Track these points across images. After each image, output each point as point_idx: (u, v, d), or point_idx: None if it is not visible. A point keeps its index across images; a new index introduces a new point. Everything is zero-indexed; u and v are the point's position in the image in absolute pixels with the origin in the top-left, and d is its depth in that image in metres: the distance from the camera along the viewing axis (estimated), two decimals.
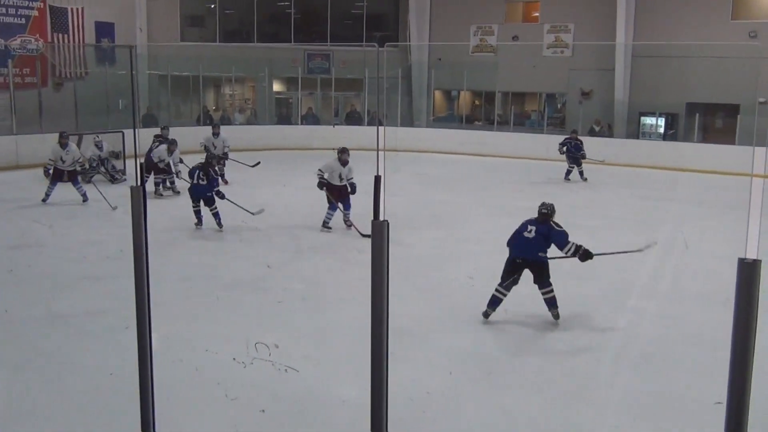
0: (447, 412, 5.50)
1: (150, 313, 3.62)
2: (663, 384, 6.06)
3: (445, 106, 27.71)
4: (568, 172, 17.78)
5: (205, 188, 11.68)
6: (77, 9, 22.04)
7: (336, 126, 24.03)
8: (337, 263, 9.80)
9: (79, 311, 7.57)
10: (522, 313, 7.71)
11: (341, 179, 11.66)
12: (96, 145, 15.81)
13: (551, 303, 7.50)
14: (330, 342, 6.84)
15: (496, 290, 7.53)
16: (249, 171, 15.67)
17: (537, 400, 5.74)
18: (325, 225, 11.62)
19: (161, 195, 14.27)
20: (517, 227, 7.66)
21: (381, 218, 3.13)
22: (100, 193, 13.04)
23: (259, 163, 16.12)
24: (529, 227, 7.52)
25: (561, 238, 7.45)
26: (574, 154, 17.58)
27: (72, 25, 22.06)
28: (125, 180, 15.92)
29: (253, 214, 11.88)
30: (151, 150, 14.74)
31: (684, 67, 21.28)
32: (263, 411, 5.33)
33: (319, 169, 11.72)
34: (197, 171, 11.71)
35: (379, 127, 17.86)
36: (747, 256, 2.53)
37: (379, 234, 3.14)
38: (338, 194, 11.64)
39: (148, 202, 3.63)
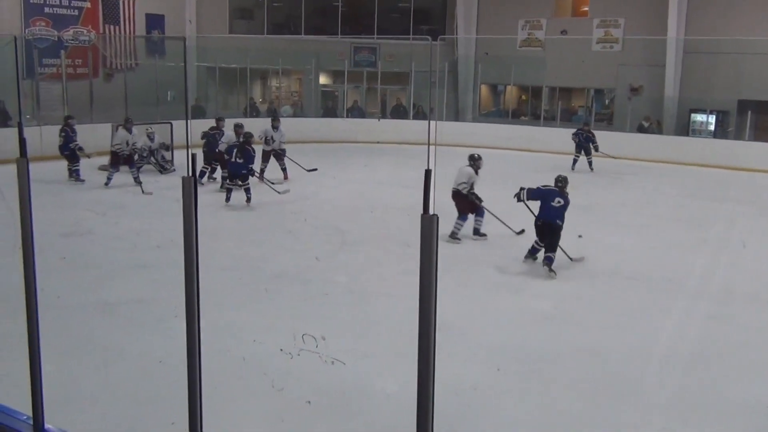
0: (492, 408, 5.47)
1: (199, 302, 3.64)
2: (712, 386, 5.95)
3: (491, 100, 27.54)
4: (575, 161, 18.36)
5: (242, 166, 12.24)
6: (129, 1, 22.41)
7: (381, 120, 24.04)
8: (382, 256, 9.80)
9: (127, 299, 7.68)
10: (569, 311, 7.64)
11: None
12: (148, 136, 16.05)
13: (550, 262, 8.91)
14: (376, 335, 6.84)
15: (536, 243, 9.29)
16: (291, 162, 15.71)
17: (582, 398, 5.67)
18: (454, 236, 10.59)
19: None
20: (540, 190, 9.30)
21: (430, 212, 3.11)
22: (135, 180, 13.38)
23: (316, 169, 16.03)
24: (557, 198, 9.05)
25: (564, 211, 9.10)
26: (584, 144, 18.23)
27: (123, 16, 22.41)
28: (174, 170, 16.14)
29: (279, 192, 12.49)
30: (208, 141, 15.00)
31: (736, 63, 20.85)
32: (309, 402, 5.35)
33: (463, 182, 10.92)
34: (234, 150, 12.27)
35: (429, 122, 17.74)
36: None
37: (429, 228, 3.11)
38: (470, 205, 10.86)
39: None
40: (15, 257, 4.37)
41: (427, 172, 3.82)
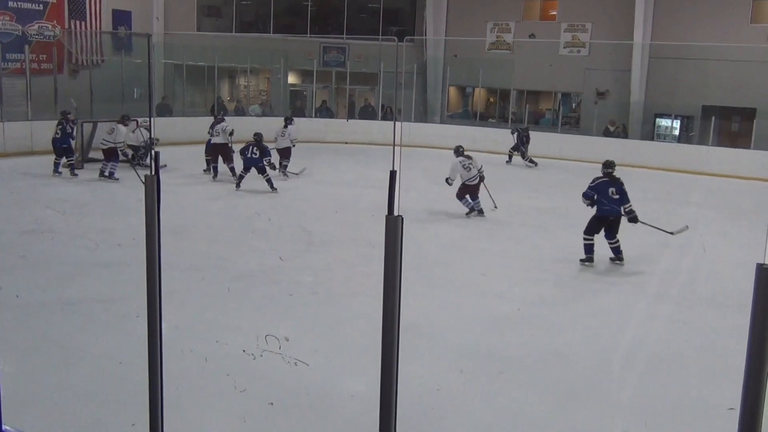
0: (456, 410, 5.48)
1: (161, 302, 3.60)
2: (674, 388, 6.01)
3: (459, 102, 27.64)
4: (510, 157, 20.28)
5: (258, 159, 13.99)
6: None
7: (349, 120, 24.02)
8: (349, 257, 9.78)
9: (88, 298, 7.58)
10: (533, 313, 7.69)
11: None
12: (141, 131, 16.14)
13: (618, 251, 9.40)
14: (340, 336, 6.83)
15: (586, 239, 9.40)
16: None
17: (546, 400, 5.70)
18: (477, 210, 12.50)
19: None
20: (593, 185, 9.36)
21: (395, 213, 3.10)
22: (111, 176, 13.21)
23: (305, 169, 16.40)
24: (611, 189, 9.27)
25: (628, 198, 9.41)
26: (522, 142, 19.92)
27: (89, 12, 22.14)
28: (165, 166, 16.00)
29: (297, 174, 14.36)
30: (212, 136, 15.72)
31: (701, 69, 21.14)
32: (272, 404, 5.32)
33: (447, 179, 12.65)
34: (251, 146, 14.08)
35: (395, 122, 18.01)
36: (766, 261, 2.49)
37: (393, 229, 3.11)
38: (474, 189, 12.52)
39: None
40: None
41: (392, 173, 3.82)
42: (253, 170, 14.11)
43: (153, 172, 3.71)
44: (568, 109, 25.17)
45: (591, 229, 9.44)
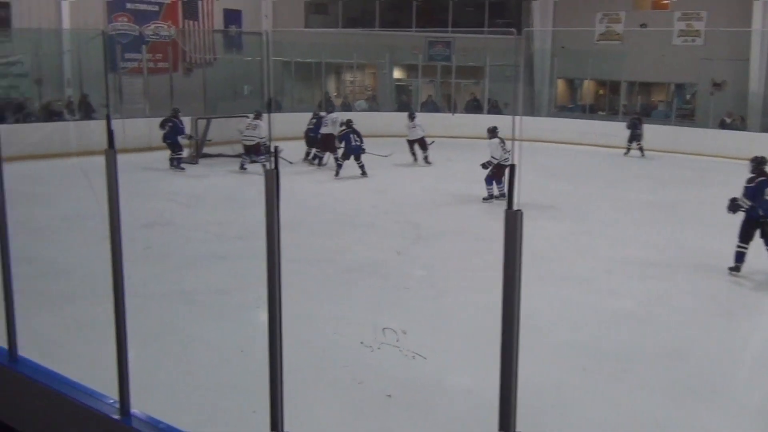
0: (576, 408, 5.37)
1: (281, 293, 3.67)
2: None
3: (567, 95, 27.07)
4: (628, 150, 19.85)
5: (359, 147, 14.79)
6: None
7: (455, 114, 23.90)
8: (458, 250, 9.75)
9: (206, 289, 7.83)
10: (652, 310, 7.46)
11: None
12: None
13: None
14: (453, 330, 6.80)
15: (739, 247, 8.54)
16: (373, 156, 15.82)
17: (669, 401, 5.51)
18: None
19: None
20: (753, 186, 8.45)
21: (515, 207, 3.06)
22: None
23: (391, 154, 16.77)
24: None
25: None
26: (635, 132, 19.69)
27: (202, 12, 22.82)
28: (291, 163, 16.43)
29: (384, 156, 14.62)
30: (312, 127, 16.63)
31: None
32: (389, 396, 5.35)
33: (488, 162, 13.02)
34: (351, 134, 14.86)
35: (513, 117, 17.97)
36: None
37: (513, 224, 3.07)
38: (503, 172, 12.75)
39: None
40: (102, 246, 4.51)
41: (512, 167, 3.78)
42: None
43: (273, 166, 3.80)
44: (682, 100, 24.26)
45: (746, 236, 8.57)
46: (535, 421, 5.00)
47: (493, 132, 13.30)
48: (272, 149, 4.18)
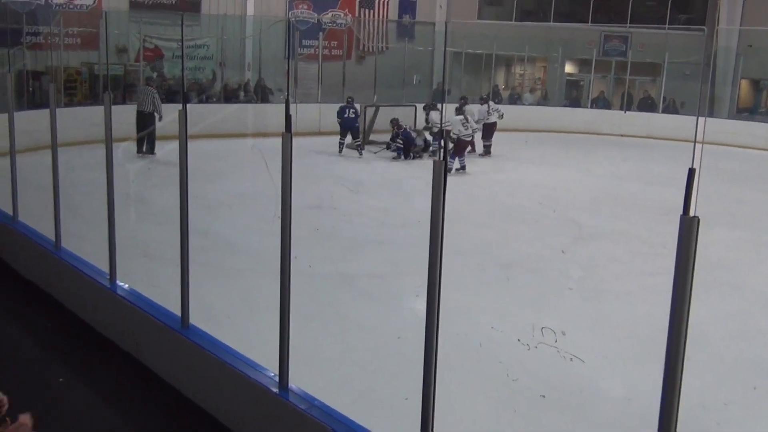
0: (743, 429, 5.08)
1: (440, 284, 3.70)
2: None
3: (751, 96, 25.44)
4: None
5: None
6: None
7: (627, 112, 23.09)
8: (620, 253, 9.42)
9: (366, 273, 8.01)
10: None
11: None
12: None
13: None
14: (617, 335, 6.60)
15: None
16: (533, 149, 15.61)
17: None
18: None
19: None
20: None
21: (692, 214, 2.95)
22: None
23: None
24: None
25: None
26: None
27: (378, 1, 23.25)
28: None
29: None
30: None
31: None
32: (543, 396, 5.28)
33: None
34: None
35: (698, 118, 17.03)
36: None
37: (688, 231, 2.96)
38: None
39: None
40: (272, 225, 4.72)
41: (691, 171, 3.62)
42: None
43: (441, 158, 3.84)
44: None
45: None
46: None
47: (459, 109, 14.80)
48: (441, 141, 4.22)
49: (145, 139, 14.74)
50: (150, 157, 14.72)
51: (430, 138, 16.12)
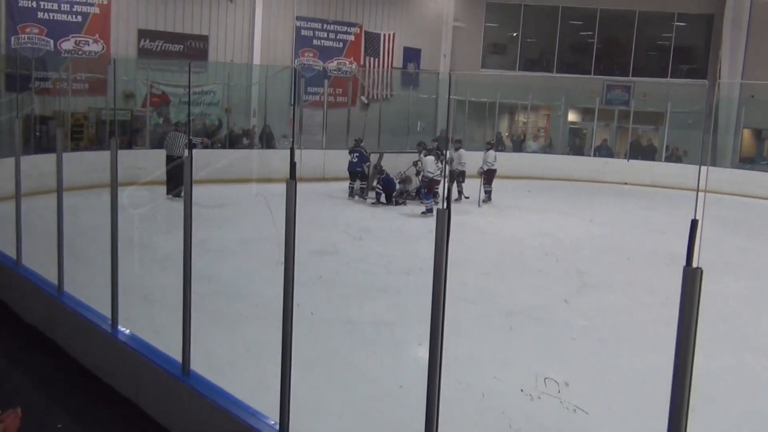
0: None
1: (443, 332, 3.68)
2: None
3: (753, 146, 25.57)
4: None
5: None
6: (389, 34, 23.58)
7: (630, 160, 23.21)
8: (625, 303, 9.38)
9: (370, 320, 7.97)
10: None
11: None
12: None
13: None
14: (621, 387, 6.52)
15: None
16: (536, 197, 15.64)
17: None
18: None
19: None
20: None
21: (695, 265, 2.95)
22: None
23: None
24: None
25: None
26: None
27: (383, 49, 23.59)
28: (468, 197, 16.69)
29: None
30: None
31: None
32: None
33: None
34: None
35: (699, 167, 17.09)
36: None
37: (691, 282, 2.96)
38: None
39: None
40: (275, 271, 4.71)
41: (694, 222, 3.62)
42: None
43: (445, 206, 3.85)
44: None
45: None
46: None
47: (429, 150, 15.26)
48: (445, 189, 4.23)
49: (175, 181, 14.77)
50: (179, 200, 14.79)
51: (417, 183, 16.22)
